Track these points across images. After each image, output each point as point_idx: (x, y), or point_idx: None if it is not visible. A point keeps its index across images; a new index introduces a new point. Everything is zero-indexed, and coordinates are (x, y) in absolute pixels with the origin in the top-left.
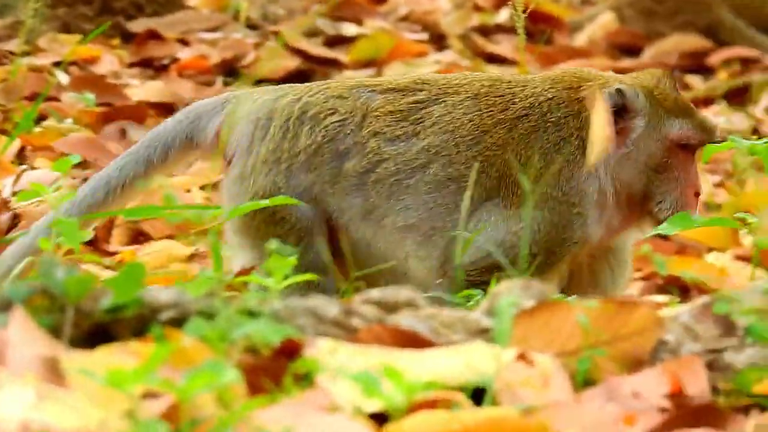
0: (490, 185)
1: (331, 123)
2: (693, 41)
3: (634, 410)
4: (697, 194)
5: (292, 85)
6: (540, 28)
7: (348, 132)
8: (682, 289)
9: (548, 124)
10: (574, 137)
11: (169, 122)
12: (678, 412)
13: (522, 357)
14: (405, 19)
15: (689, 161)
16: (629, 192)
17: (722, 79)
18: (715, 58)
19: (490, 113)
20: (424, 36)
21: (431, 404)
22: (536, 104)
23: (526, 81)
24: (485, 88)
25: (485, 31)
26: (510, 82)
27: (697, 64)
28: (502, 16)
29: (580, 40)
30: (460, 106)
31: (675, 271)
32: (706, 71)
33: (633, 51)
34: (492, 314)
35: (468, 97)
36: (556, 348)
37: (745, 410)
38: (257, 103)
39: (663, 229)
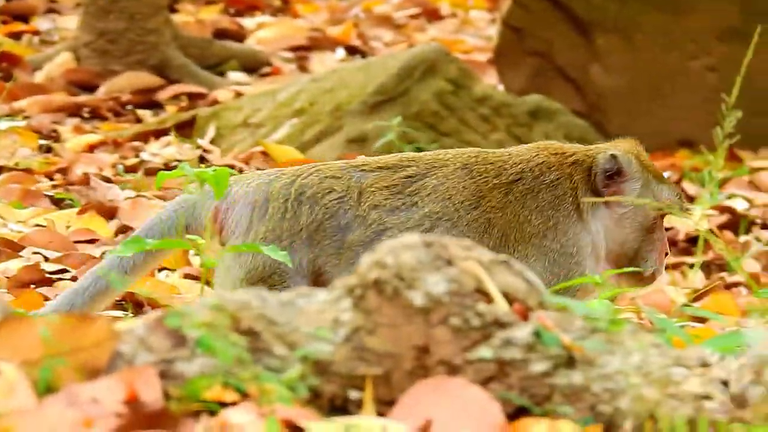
0: (493, 244)
1: (330, 201)
2: (144, 78)
3: (92, 415)
4: (666, 254)
5: (281, 169)
6: (2, 67)
7: (348, 208)
8: (137, 305)
9: (542, 185)
10: (568, 195)
11: (165, 212)
12: (133, 417)
13: None
14: None
15: (662, 224)
16: (620, 251)
17: (171, 113)
18: (164, 94)
19: (485, 179)
20: None
21: None
22: (527, 169)
23: (509, 152)
24: (473, 158)
25: None
26: (495, 153)
27: (148, 99)
28: None
29: (40, 77)
30: (453, 176)
31: (131, 288)
32: (157, 106)
33: (89, 88)
34: None
35: (458, 167)
36: (20, 358)
37: (196, 415)
38: (252, 186)
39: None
